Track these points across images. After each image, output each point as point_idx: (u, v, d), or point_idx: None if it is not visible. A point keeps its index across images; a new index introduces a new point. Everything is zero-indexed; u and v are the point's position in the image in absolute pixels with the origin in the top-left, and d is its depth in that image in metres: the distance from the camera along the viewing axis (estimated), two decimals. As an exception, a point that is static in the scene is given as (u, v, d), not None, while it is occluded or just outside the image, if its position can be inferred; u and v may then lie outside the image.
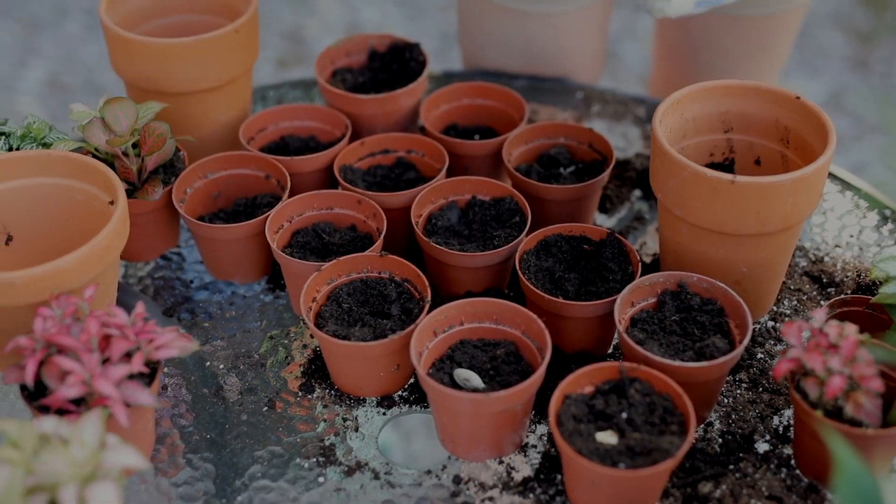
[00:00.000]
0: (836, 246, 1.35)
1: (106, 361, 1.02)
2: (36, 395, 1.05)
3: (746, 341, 1.09)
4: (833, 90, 3.02)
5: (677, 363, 1.07)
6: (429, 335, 1.12)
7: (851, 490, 0.77)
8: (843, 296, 1.18)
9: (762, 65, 1.63)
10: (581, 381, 1.08)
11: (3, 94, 2.98)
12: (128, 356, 1.03)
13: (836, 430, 1.01)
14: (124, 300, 1.24)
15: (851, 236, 1.36)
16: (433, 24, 3.25)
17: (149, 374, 1.06)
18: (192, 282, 1.32)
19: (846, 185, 1.44)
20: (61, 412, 1.01)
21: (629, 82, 3.05)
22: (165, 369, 1.21)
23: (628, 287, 1.14)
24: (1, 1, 3.33)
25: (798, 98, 1.20)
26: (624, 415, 1.05)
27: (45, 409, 1.02)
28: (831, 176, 1.45)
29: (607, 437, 1.04)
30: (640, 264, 1.19)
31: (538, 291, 1.16)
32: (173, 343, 1.05)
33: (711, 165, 1.27)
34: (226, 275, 1.31)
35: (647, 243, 1.37)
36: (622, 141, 1.53)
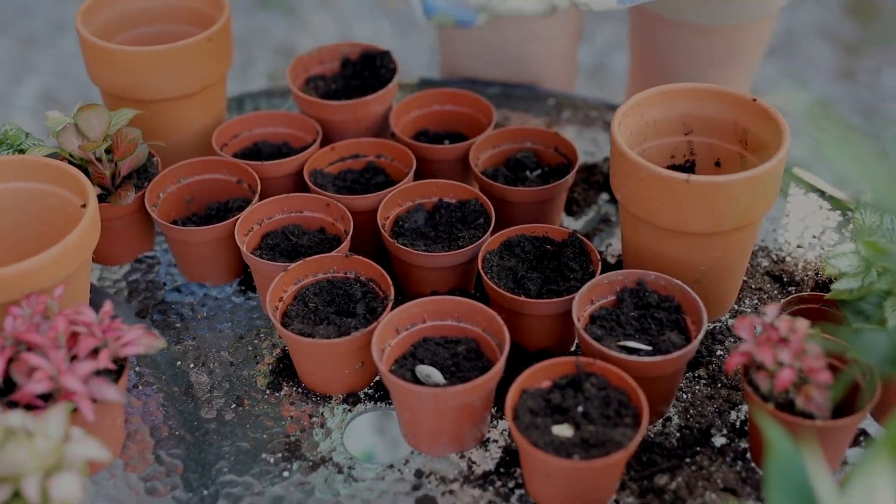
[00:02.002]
0: (799, 246, 1.38)
1: (74, 359, 1.05)
2: (7, 393, 1.07)
3: (700, 337, 1.12)
4: (820, 101, 3.05)
5: (633, 358, 1.09)
6: (391, 333, 1.15)
7: (782, 473, 0.79)
8: (799, 293, 1.21)
9: (732, 72, 1.66)
10: (538, 376, 1.10)
11: (-1, 111, 3.02)
12: (95, 353, 1.06)
13: (788, 423, 1.03)
14: (98, 302, 1.27)
15: (814, 237, 1.39)
16: (424, 38, 3.28)
17: (116, 371, 1.09)
18: (165, 284, 1.35)
19: (810, 187, 1.46)
20: (30, 408, 1.04)
21: (618, 93, 3.08)
22: (137, 368, 1.24)
23: (587, 285, 1.17)
24: (-2, 19, 3.38)
25: (755, 100, 1.23)
26: (580, 408, 1.07)
27: (14, 405, 1.05)
28: (795, 178, 1.48)
29: (563, 431, 1.06)
30: (600, 263, 1.21)
31: (499, 290, 1.18)
32: (139, 340, 1.07)
33: (673, 167, 1.30)
34: (198, 277, 1.33)
35: (612, 245, 1.40)
36: (591, 146, 1.56)
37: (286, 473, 1.12)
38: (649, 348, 1.14)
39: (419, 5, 1.19)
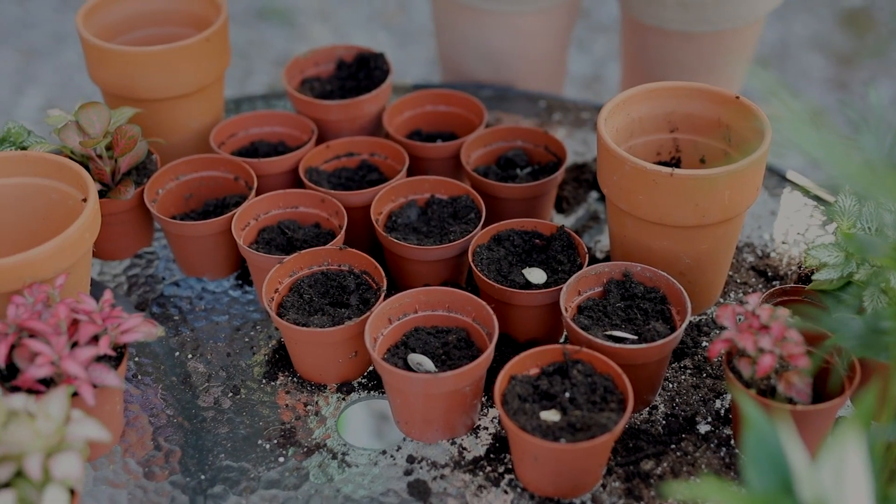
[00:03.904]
0: (783, 242, 1.41)
1: (75, 345, 1.08)
2: (9, 378, 1.10)
3: (684, 325, 1.15)
4: (813, 111, 3.08)
5: (618, 346, 1.12)
6: (384, 322, 1.18)
7: (758, 447, 0.82)
8: (782, 286, 1.24)
9: (719, 79, 1.69)
10: (526, 363, 1.13)
11: (0, 121, 3.05)
12: (95, 340, 1.09)
13: (769, 408, 1.06)
14: (98, 296, 1.30)
15: (799, 233, 1.42)
16: (422, 49, 3.33)
17: (116, 358, 1.12)
18: (163, 278, 1.38)
19: (795, 186, 1.49)
20: (32, 393, 1.07)
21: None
22: (136, 359, 1.27)
23: (574, 276, 1.20)
24: (0, 31, 3.41)
25: (737, 98, 1.26)
26: (567, 394, 1.10)
27: (16, 390, 1.08)
28: (780, 177, 1.51)
29: (551, 416, 1.09)
30: (587, 256, 1.25)
31: (488, 281, 1.21)
32: (138, 328, 1.10)
33: (659, 164, 1.33)
34: (196, 271, 1.37)
35: (601, 241, 1.43)
36: (581, 146, 1.59)
37: (282, 459, 1.15)
38: (635, 337, 1.17)
39: None
